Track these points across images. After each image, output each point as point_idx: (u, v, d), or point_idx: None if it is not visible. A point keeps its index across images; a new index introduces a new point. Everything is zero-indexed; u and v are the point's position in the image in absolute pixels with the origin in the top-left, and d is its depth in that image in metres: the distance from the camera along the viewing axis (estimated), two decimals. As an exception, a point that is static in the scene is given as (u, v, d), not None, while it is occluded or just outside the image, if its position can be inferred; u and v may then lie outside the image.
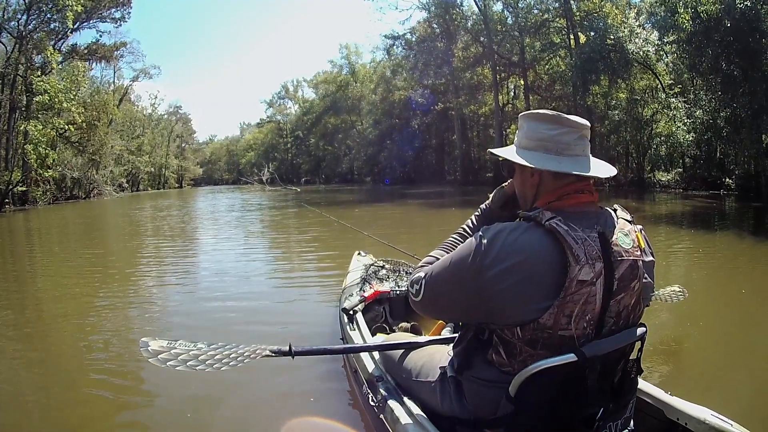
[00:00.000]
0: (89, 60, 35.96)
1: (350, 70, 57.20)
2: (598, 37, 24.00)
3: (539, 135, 1.56)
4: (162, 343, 1.87)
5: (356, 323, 2.96)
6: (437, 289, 1.59)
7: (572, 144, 1.54)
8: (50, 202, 29.51)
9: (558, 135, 1.54)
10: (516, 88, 40.58)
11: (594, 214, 1.51)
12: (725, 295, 5.55)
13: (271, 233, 13.38)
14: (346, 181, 55.93)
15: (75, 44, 35.02)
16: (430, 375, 1.84)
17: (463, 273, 1.48)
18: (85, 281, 7.14)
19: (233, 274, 7.37)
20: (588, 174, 1.51)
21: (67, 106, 26.26)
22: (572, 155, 1.54)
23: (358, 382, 2.39)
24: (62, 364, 3.91)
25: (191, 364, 1.79)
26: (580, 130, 1.55)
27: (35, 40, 27.90)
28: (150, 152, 58.91)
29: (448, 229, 1.78)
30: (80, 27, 32.77)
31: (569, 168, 1.50)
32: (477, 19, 37.07)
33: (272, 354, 1.96)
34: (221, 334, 4.37)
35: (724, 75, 17.68)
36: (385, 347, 2.16)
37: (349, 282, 3.86)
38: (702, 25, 17.22)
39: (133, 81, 49.53)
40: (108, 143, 37.83)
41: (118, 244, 11.68)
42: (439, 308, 1.69)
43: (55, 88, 25.62)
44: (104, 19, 34.71)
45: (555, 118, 1.55)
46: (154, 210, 23.89)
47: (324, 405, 2.98)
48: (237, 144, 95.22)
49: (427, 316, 1.93)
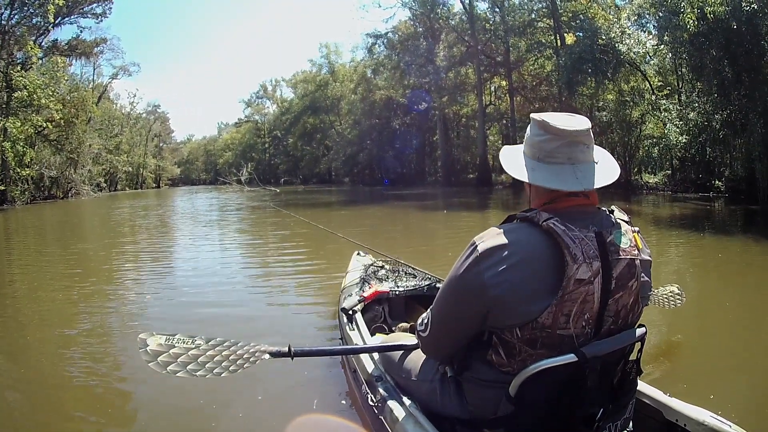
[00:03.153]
0: (69, 56, 35.63)
1: (330, 69, 57.15)
2: (588, 38, 24.04)
3: (531, 140, 1.59)
4: (160, 339, 1.85)
5: (355, 323, 2.97)
6: (445, 310, 1.61)
7: (554, 152, 1.52)
8: (28, 201, 28.98)
9: (542, 142, 1.54)
10: (499, 89, 40.59)
11: (591, 214, 1.51)
12: (723, 297, 5.57)
13: (266, 234, 13.18)
14: (324, 181, 55.91)
15: (56, 40, 35.23)
16: (430, 375, 1.83)
17: (466, 282, 1.48)
18: (84, 286, 6.80)
19: (229, 277, 7.24)
20: (554, 187, 1.50)
21: (45, 102, 25.77)
22: (553, 163, 1.53)
23: (358, 382, 2.39)
24: (45, 369, 3.79)
25: (191, 368, 1.79)
26: (565, 137, 1.51)
27: (17, 35, 27.27)
28: (128, 151, 58.46)
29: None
30: (61, 22, 33.13)
31: (541, 179, 1.52)
32: (461, 18, 37.10)
33: (272, 356, 1.97)
34: (218, 334, 4.21)
35: (725, 77, 17.72)
36: (385, 348, 2.16)
37: (349, 282, 3.87)
38: (707, 26, 17.22)
39: (112, 78, 49.39)
40: (86, 142, 37.25)
41: (101, 246, 11.22)
42: (449, 332, 1.63)
43: (34, 83, 25.13)
44: (85, 15, 35.28)
45: (542, 124, 1.54)
46: (136, 210, 23.58)
47: (323, 405, 2.96)
48: (215, 144, 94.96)
49: (438, 355, 1.83)
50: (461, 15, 37.24)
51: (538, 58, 32.93)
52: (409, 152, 44.42)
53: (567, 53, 25.52)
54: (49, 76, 27.77)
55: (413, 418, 1.75)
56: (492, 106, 40.43)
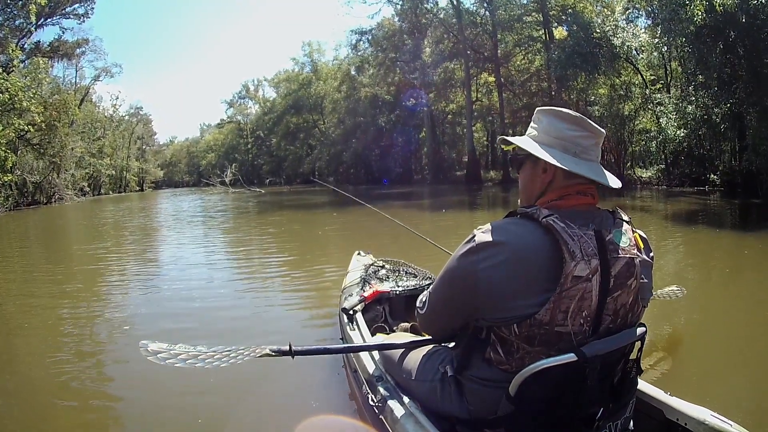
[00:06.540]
0: (51, 58, 35.19)
1: (313, 68, 56.86)
2: (581, 31, 23.77)
3: (559, 133, 1.58)
4: (162, 345, 1.85)
5: (356, 323, 2.98)
6: (439, 293, 1.65)
7: (589, 149, 1.58)
8: (11, 208, 28.19)
9: (578, 137, 1.57)
10: (486, 85, 40.22)
11: (591, 213, 1.53)
12: (724, 295, 5.59)
13: (263, 234, 12.99)
14: (308, 181, 55.34)
15: (38, 41, 35.05)
16: (430, 375, 1.82)
17: (460, 269, 1.51)
18: (85, 292, 6.66)
19: (229, 277, 7.36)
20: (600, 181, 1.55)
21: (27, 105, 25.11)
22: (587, 160, 1.57)
23: (358, 382, 2.40)
24: (34, 379, 3.69)
25: (190, 362, 1.79)
26: (597, 136, 1.59)
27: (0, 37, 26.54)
28: (111, 155, 57.39)
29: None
30: (44, 23, 32.68)
31: (586, 171, 1.53)
32: (448, 12, 36.91)
33: (272, 354, 1.94)
34: (220, 335, 4.47)
35: (729, 70, 17.67)
36: (385, 347, 2.17)
37: (349, 282, 3.86)
38: (715, 19, 17.08)
39: (95, 80, 48.67)
40: (68, 145, 36.34)
41: (104, 249, 11.05)
42: (442, 313, 1.69)
43: (16, 86, 24.38)
44: (67, 15, 35.03)
45: (578, 119, 1.58)
46: (124, 213, 23.31)
47: (324, 405, 3.01)
48: (197, 145, 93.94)
49: (433, 331, 1.92)
50: (448, 9, 37.08)
51: (528, 53, 32.82)
52: (396, 150, 43.98)
53: (560, 47, 25.43)
54: (30, 78, 27.19)
55: (413, 417, 1.76)
56: (479, 102, 40.28)
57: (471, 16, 35.05)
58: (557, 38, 28.77)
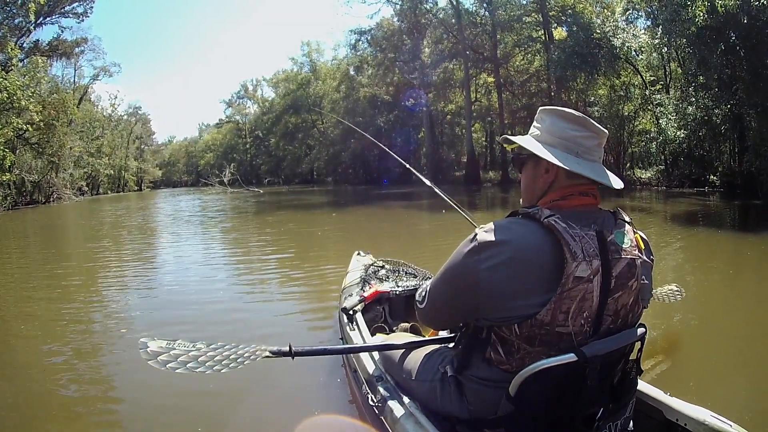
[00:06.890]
0: (50, 57, 35.14)
1: (311, 68, 56.69)
2: (581, 32, 23.76)
3: (562, 133, 1.58)
4: (161, 343, 1.85)
5: (356, 323, 2.98)
6: (440, 290, 1.64)
7: (591, 149, 1.58)
8: (9, 207, 28.04)
9: (581, 138, 1.57)
10: (486, 85, 40.06)
11: (593, 214, 1.53)
12: (724, 295, 5.59)
13: (262, 234, 12.97)
14: (307, 181, 55.47)
15: (37, 40, 34.89)
16: (430, 375, 1.83)
17: (461, 268, 1.50)
18: (86, 292, 6.67)
19: (228, 277, 7.36)
20: (602, 181, 1.55)
21: (25, 104, 25.03)
22: (590, 160, 1.57)
23: (358, 382, 2.39)
24: (36, 379, 3.69)
25: (191, 366, 1.78)
26: (600, 137, 1.60)
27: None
28: (110, 154, 57.14)
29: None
30: (43, 22, 32.60)
31: (588, 172, 1.53)
32: (448, 12, 36.82)
33: (272, 355, 1.95)
34: (219, 336, 4.32)
35: (729, 71, 17.71)
36: (385, 347, 2.17)
37: (349, 282, 3.88)
38: (716, 20, 17.09)
39: (93, 79, 48.20)
40: (67, 144, 36.18)
41: (95, 250, 10.94)
42: (442, 310, 1.69)
43: (14, 85, 24.30)
44: (66, 14, 34.85)
45: (581, 120, 1.59)
46: (122, 213, 23.18)
47: (324, 405, 3.01)
48: (195, 145, 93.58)
49: (432, 326, 1.97)
50: (447, 10, 37.00)
51: (527, 53, 32.79)
52: (395, 150, 43.75)
53: (560, 48, 25.40)
54: (29, 77, 27.16)
55: (413, 417, 1.76)
56: (478, 103, 40.22)
57: (470, 17, 34.99)
58: (557, 39, 28.74)
